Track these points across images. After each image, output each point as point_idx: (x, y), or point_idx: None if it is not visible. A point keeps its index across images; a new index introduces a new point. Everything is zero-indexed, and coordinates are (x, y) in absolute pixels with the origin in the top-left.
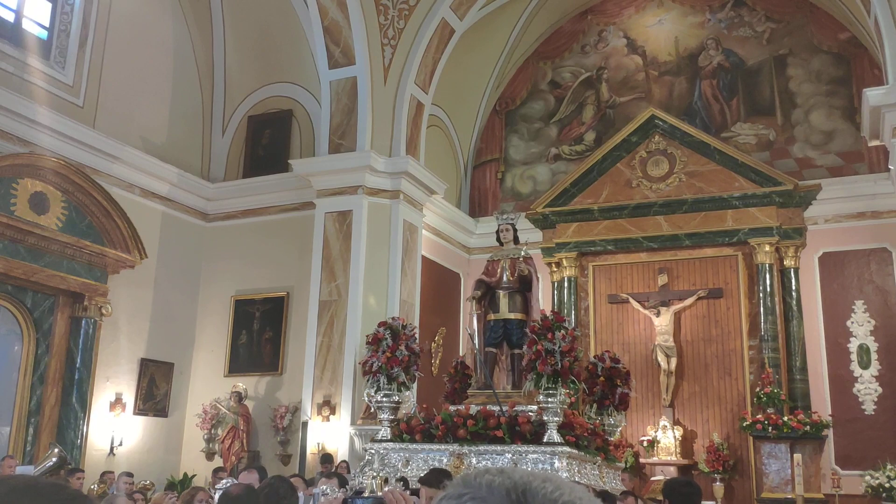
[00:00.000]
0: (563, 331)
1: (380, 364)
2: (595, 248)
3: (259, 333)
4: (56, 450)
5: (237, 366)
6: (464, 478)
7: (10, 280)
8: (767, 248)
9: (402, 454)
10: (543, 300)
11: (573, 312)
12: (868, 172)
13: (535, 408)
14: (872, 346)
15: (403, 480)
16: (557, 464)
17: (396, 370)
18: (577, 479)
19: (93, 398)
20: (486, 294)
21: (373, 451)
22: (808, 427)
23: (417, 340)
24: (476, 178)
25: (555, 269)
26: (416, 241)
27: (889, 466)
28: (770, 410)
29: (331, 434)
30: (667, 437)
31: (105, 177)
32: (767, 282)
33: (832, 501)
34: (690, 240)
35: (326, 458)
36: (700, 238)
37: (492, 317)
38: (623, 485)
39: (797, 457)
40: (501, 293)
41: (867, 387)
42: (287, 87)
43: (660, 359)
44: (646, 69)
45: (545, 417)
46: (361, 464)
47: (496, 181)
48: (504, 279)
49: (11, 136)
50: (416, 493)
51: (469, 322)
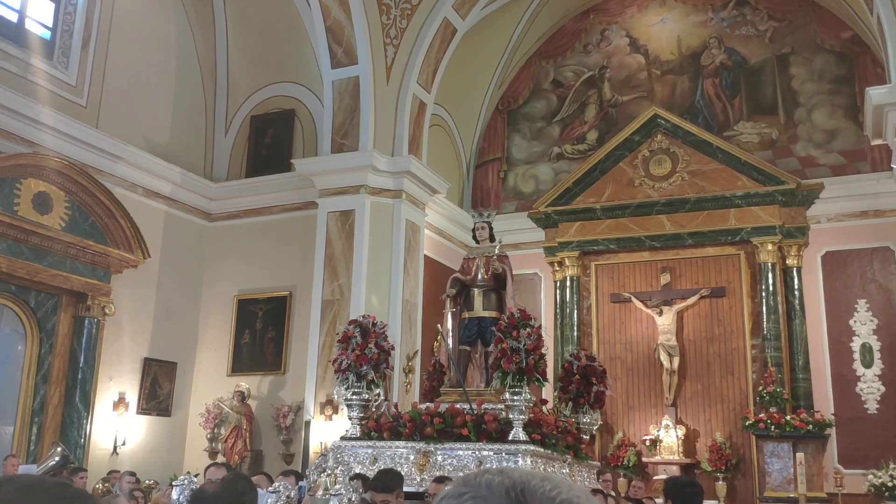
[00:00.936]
0: (529, 328)
1: (349, 362)
2: (597, 248)
3: (262, 333)
4: (59, 449)
5: (240, 365)
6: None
7: (14, 280)
8: (770, 247)
9: (370, 451)
10: (546, 300)
11: (576, 312)
12: (871, 171)
13: (503, 406)
14: (875, 345)
15: (360, 477)
16: (521, 462)
17: (365, 368)
18: None
19: (96, 398)
20: (462, 292)
21: (327, 449)
22: (811, 426)
23: (388, 338)
24: (478, 178)
25: (557, 269)
26: (419, 241)
27: (892, 465)
28: (773, 409)
29: (333, 433)
30: (669, 437)
31: (108, 177)
32: (770, 281)
33: (835, 500)
34: (693, 239)
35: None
36: (703, 237)
37: (466, 315)
38: (602, 485)
39: (800, 456)
40: (476, 291)
41: (870, 386)
42: (290, 87)
43: (662, 358)
44: (648, 68)
45: (511, 415)
46: (317, 461)
47: (498, 180)
48: (479, 277)
49: (15, 137)
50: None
51: (443, 320)
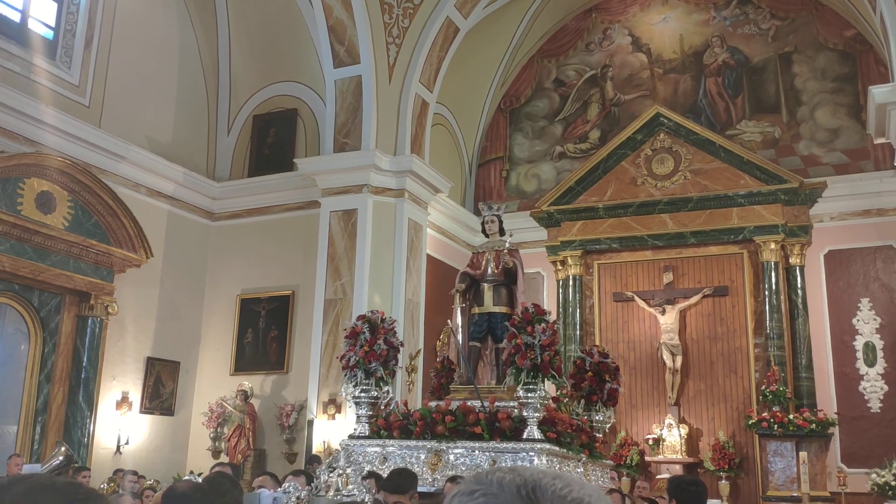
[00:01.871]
0: (544, 324)
1: (357, 359)
2: (600, 247)
3: (265, 332)
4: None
5: (243, 364)
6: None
7: (17, 279)
8: (773, 246)
9: (380, 450)
10: (549, 299)
11: (578, 311)
12: (874, 170)
13: (516, 403)
14: (878, 344)
15: (373, 476)
16: (537, 461)
17: (374, 365)
18: None
19: (99, 397)
20: (471, 287)
21: (339, 448)
22: (814, 425)
23: (397, 334)
24: (481, 177)
25: (560, 268)
26: (421, 240)
27: (895, 464)
28: (776, 408)
29: (336, 432)
30: (672, 436)
31: (111, 176)
32: (773, 280)
33: (838, 499)
34: (696, 238)
35: (314, 459)
36: (705, 236)
37: (476, 310)
38: (612, 483)
39: (803, 455)
40: (486, 286)
41: (873, 384)
42: (292, 87)
43: (665, 357)
44: (651, 67)
45: (525, 413)
46: (328, 460)
47: (501, 179)
48: (489, 272)
49: (18, 136)
50: (391, 489)
51: (453, 316)
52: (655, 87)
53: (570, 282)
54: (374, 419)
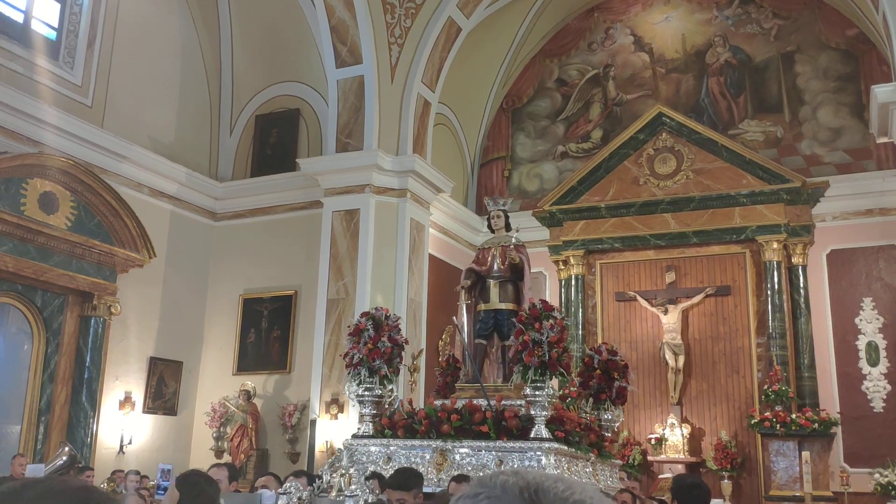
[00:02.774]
0: (552, 320)
1: (361, 356)
2: (602, 246)
3: (267, 332)
4: (66, 448)
5: (246, 364)
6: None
7: (20, 279)
8: (775, 246)
9: (383, 450)
10: (551, 298)
11: (581, 310)
12: (876, 169)
13: (524, 402)
14: (881, 344)
15: (377, 476)
16: (545, 460)
17: (378, 362)
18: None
19: (102, 397)
20: (477, 284)
21: (341, 448)
22: (817, 425)
23: (402, 332)
24: (483, 177)
25: (562, 267)
26: (424, 240)
27: None
28: (778, 408)
29: (339, 432)
30: (675, 435)
31: (114, 176)
32: (775, 279)
33: (841, 499)
34: (698, 237)
35: (301, 474)
36: (707, 235)
37: (482, 307)
38: (621, 483)
39: (805, 454)
40: (492, 282)
41: (876, 384)
42: (294, 87)
43: (667, 356)
44: (653, 66)
45: (532, 412)
46: (330, 460)
47: (503, 179)
48: (494, 268)
49: (20, 137)
50: (396, 488)
51: (458, 313)
52: (658, 87)
53: (573, 281)
54: (378, 418)
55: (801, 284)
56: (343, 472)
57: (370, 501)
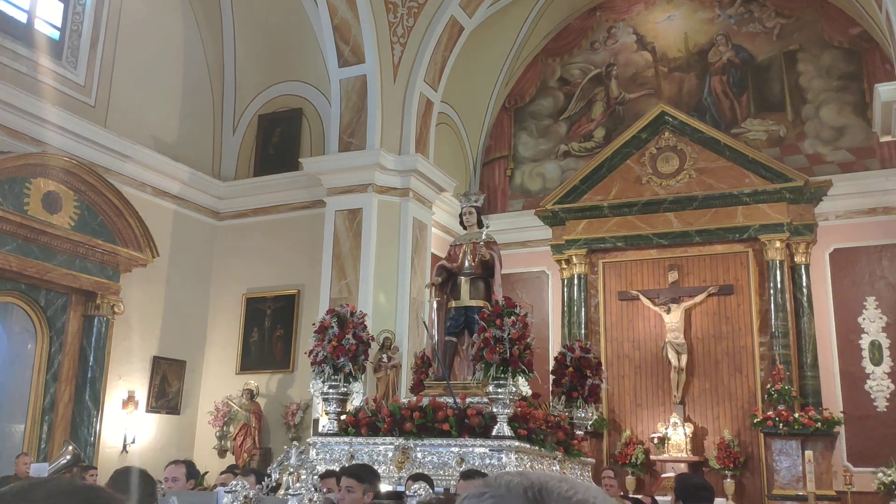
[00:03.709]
0: (514, 317)
1: (325, 353)
2: (605, 245)
3: (270, 331)
4: (70, 447)
5: (249, 363)
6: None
7: (24, 279)
8: (778, 245)
9: (347, 448)
10: (553, 297)
11: (583, 310)
12: (879, 168)
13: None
14: (884, 343)
15: (331, 475)
16: (505, 459)
17: (343, 360)
18: None
19: (105, 396)
20: (448, 280)
21: (286, 447)
22: (820, 424)
23: (368, 329)
24: (485, 176)
25: (564, 266)
26: (426, 239)
27: None
28: (781, 407)
29: None
30: (677, 434)
31: (117, 176)
32: (778, 278)
33: (844, 498)
34: (700, 236)
35: (233, 468)
36: (710, 235)
37: (453, 304)
38: (606, 482)
39: (808, 454)
40: (463, 279)
41: (879, 383)
42: (297, 86)
43: (670, 356)
44: (655, 65)
45: (494, 409)
46: (279, 458)
47: (505, 178)
48: (465, 265)
49: (24, 136)
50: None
51: (428, 310)
52: (660, 86)
53: (575, 280)
54: (343, 416)
55: (804, 283)
56: (291, 471)
57: (316, 500)
